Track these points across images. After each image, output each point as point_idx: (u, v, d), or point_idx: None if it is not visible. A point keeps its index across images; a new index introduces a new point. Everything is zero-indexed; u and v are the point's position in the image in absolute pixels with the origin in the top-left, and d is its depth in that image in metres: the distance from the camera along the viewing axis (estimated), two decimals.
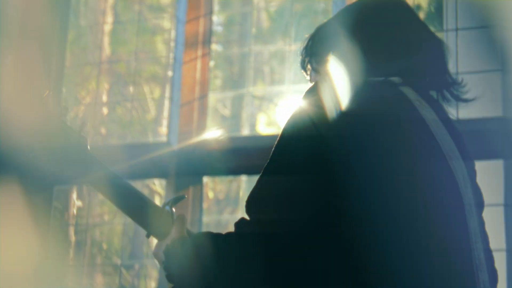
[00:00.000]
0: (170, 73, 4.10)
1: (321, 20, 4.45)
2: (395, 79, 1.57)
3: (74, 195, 4.39)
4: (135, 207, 1.76)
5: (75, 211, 4.38)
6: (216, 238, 1.52)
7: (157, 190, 4.48)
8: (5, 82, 4.31)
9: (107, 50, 4.66)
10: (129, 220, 1.81)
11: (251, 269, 1.45)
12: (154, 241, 1.80)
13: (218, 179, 4.26)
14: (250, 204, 1.50)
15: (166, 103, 4.16)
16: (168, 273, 1.64)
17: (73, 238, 4.37)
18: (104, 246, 4.79)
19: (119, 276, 4.44)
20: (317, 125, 1.47)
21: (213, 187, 4.40)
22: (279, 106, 4.38)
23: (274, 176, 1.47)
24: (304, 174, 1.44)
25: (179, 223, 1.74)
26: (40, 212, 4.16)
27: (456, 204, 1.51)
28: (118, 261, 4.54)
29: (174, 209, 1.79)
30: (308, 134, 1.47)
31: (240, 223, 1.50)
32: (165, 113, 4.26)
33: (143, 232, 1.80)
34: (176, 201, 1.79)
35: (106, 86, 4.76)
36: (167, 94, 4.18)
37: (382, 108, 1.52)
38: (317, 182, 1.43)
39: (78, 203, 4.44)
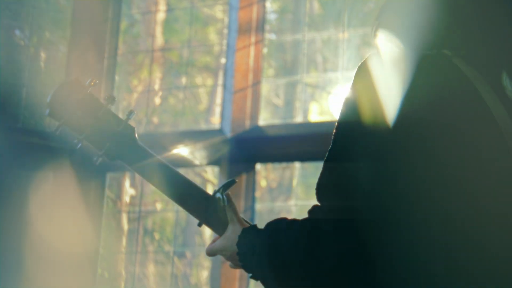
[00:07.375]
0: (223, 60, 4.08)
1: (373, 6, 4.40)
2: (447, 51, 1.52)
3: (127, 183, 4.40)
4: (185, 195, 1.73)
5: (128, 199, 4.40)
6: (291, 225, 1.52)
7: (209, 178, 4.47)
8: (59, 71, 4.33)
9: (159, 39, 4.66)
10: (181, 208, 1.79)
11: (326, 257, 1.44)
12: (206, 230, 1.79)
13: (271, 167, 4.24)
14: (320, 191, 1.49)
15: (219, 90, 4.15)
16: (244, 263, 1.62)
17: (125, 226, 4.38)
18: (156, 235, 4.80)
19: (171, 265, 4.45)
20: (373, 110, 1.44)
21: (266, 175, 4.39)
22: (332, 95, 4.35)
23: (339, 162, 1.46)
24: (368, 160, 1.42)
25: (231, 212, 1.71)
26: (93, 200, 4.18)
27: None
28: (171, 250, 4.54)
29: (226, 196, 1.73)
30: (364, 119, 1.44)
31: (313, 211, 1.49)
32: (218, 100, 4.25)
33: (195, 220, 1.78)
34: (226, 187, 1.74)
35: (158, 75, 4.77)
36: (220, 81, 4.17)
37: (441, 88, 1.48)
38: (383, 169, 1.41)
39: (131, 191, 4.46)
